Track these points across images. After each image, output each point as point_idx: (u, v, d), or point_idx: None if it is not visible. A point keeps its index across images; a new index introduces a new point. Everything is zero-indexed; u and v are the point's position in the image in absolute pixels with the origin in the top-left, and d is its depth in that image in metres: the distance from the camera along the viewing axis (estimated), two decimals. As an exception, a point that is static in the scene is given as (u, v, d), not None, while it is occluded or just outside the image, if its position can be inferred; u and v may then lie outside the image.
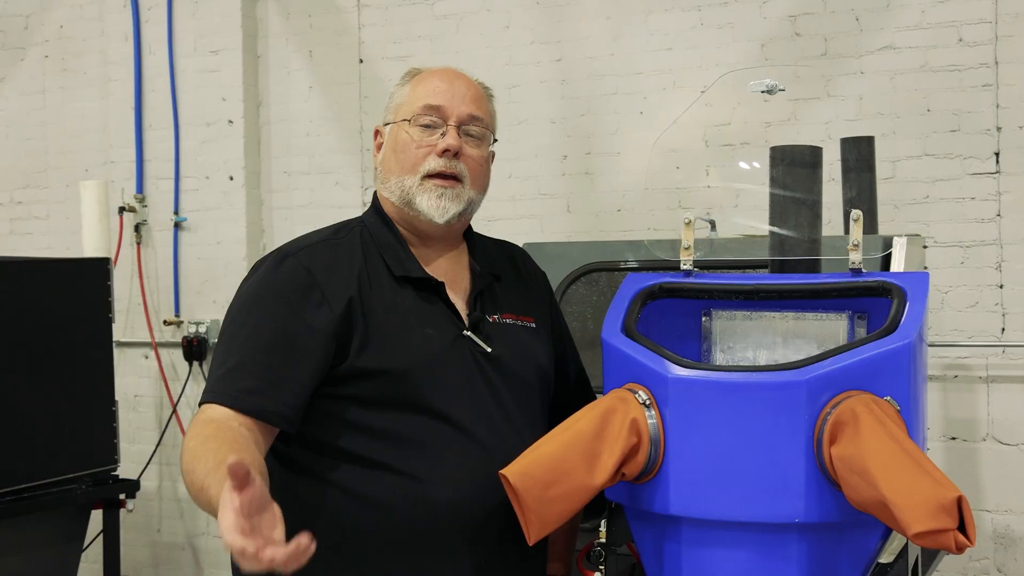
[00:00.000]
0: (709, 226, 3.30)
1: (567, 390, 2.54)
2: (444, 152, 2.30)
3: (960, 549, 1.72)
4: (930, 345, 2.53)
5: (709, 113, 4.00)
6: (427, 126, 2.32)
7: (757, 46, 4.90)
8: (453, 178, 2.32)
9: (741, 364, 2.25)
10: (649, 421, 2.02)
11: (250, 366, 2.17)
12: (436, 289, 2.33)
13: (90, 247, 5.20)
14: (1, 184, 6.52)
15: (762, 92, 2.48)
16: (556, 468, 1.99)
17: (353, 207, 5.46)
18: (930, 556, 2.85)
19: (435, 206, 2.30)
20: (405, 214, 2.35)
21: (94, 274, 4.69)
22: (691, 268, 2.31)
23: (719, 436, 1.97)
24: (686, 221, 2.32)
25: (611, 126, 5.17)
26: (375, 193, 2.46)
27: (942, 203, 4.58)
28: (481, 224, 2.49)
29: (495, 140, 2.45)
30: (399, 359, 2.21)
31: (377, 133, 2.45)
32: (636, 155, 5.08)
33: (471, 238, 2.49)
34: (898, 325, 2.01)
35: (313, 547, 1.67)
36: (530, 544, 2.08)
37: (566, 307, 3.14)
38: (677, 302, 2.31)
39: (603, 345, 2.19)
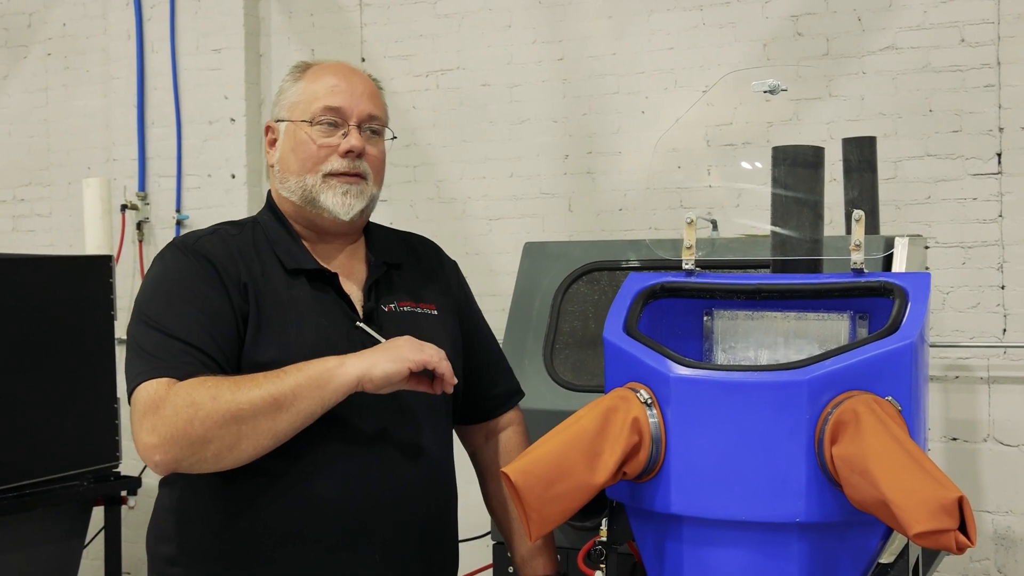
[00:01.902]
0: (711, 226, 3.31)
1: (476, 375, 2.54)
2: (347, 153, 2.32)
3: (961, 549, 1.72)
4: (931, 346, 2.53)
5: (711, 113, 4.01)
6: (328, 125, 2.33)
7: (759, 46, 4.90)
8: (357, 176, 2.34)
9: (742, 364, 2.26)
10: (650, 420, 2.02)
11: (183, 340, 2.14)
12: (330, 280, 2.33)
13: (92, 245, 5.19)
14: (4, 181, 6.53)
15: (764, 92, 2.48)
16: (557, 466, 1.99)
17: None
18: (931, 556, 2.85)
19: (340, 203, 2.31)
20: (306, 212, 2.35)
21: (96, 272, 4.69)
22: (693, 268, 2.31)
23: (720, 435, 1.97)
24: (688, 220, 2.32)
25: (613, 125, 5.18)
26: (268, 192, 2.45)
27: (944, 204, 4.59)
28: (483, 223, 2.51)
29: (394, 137, 2.47)
30: (292, 351, 2.19)
31: (268, 129, 2.43)
32: (638, 154, 5.09)
33: (368, 231, 2.49)
34: (900, 325, 2.01)
35: None
36: (531, 541, 2.08)
37: (567, 306, 3.14)
38: (679, 301, 2.31)
39: (605, 344, 2.19)
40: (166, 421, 2.05)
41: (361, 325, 2.30)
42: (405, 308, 2.40)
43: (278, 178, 2.39)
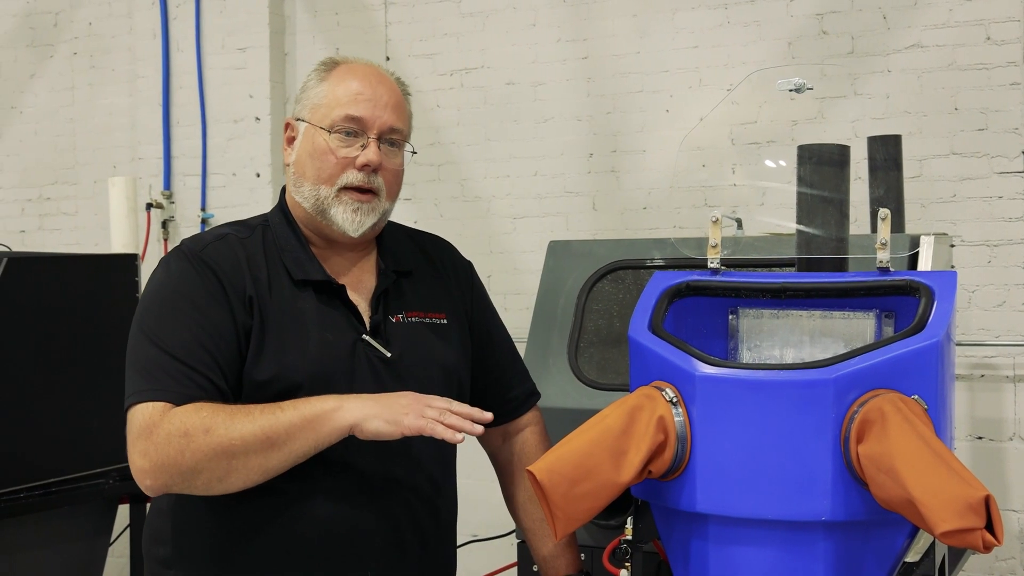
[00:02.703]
0: (735, 224, 3.30)
1: (490, 379, 2.53)
2: (364, 167, 2.28)
3: (987, 548, 1.72)
4: (957, 344, 2.52)
5: (735, 111, 4.00)
6: (347, 134, 2.28)
7: (784, 44, 4.89)
8: (370, 191, 2.30)
9: (768, 362, 2.25)
10: (676, 419, 2.02)
11: (180, 360, 2.13)
12: (337, 292, 2.30)
13: (118, 243, 5.21)
14: (30, 180, 6.57)
15: (790, 91, 2.47)
16: (583, 465, 1.99)
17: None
18: (957, 555, 2.84)
19: (351, 220, 2.28)
20: (316, 221, 2.32)
21: (122, 270, 4.71)
22: (718, 266, 2.31)
23: (746, 434, 1.97)
24: (713, 219, 2.32)
25: (637, 124, 5.17)
26: (283, 189, 2.43)
27: (969, 202, 4.57)
28: (507, 221, 2.51)
29: (414, 152, 2.42)
30: (292, 370, 2.19)
31: (288, 126, 2.39)
32: (662, 153, 5.08)
33: (380, 235, 2.44)
34: (926, 324, 2.01)
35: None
36: (556, 540, 2.09)
37: (592, 305, 3.14)
38: (704, 300, 2.31)
39: (630, 343, 2.19)
40: (158, 448, 2.06)
41: (366, 338, 2.29)
42: (413, 319, 2.38)
43: (293, 180, 2.35)
